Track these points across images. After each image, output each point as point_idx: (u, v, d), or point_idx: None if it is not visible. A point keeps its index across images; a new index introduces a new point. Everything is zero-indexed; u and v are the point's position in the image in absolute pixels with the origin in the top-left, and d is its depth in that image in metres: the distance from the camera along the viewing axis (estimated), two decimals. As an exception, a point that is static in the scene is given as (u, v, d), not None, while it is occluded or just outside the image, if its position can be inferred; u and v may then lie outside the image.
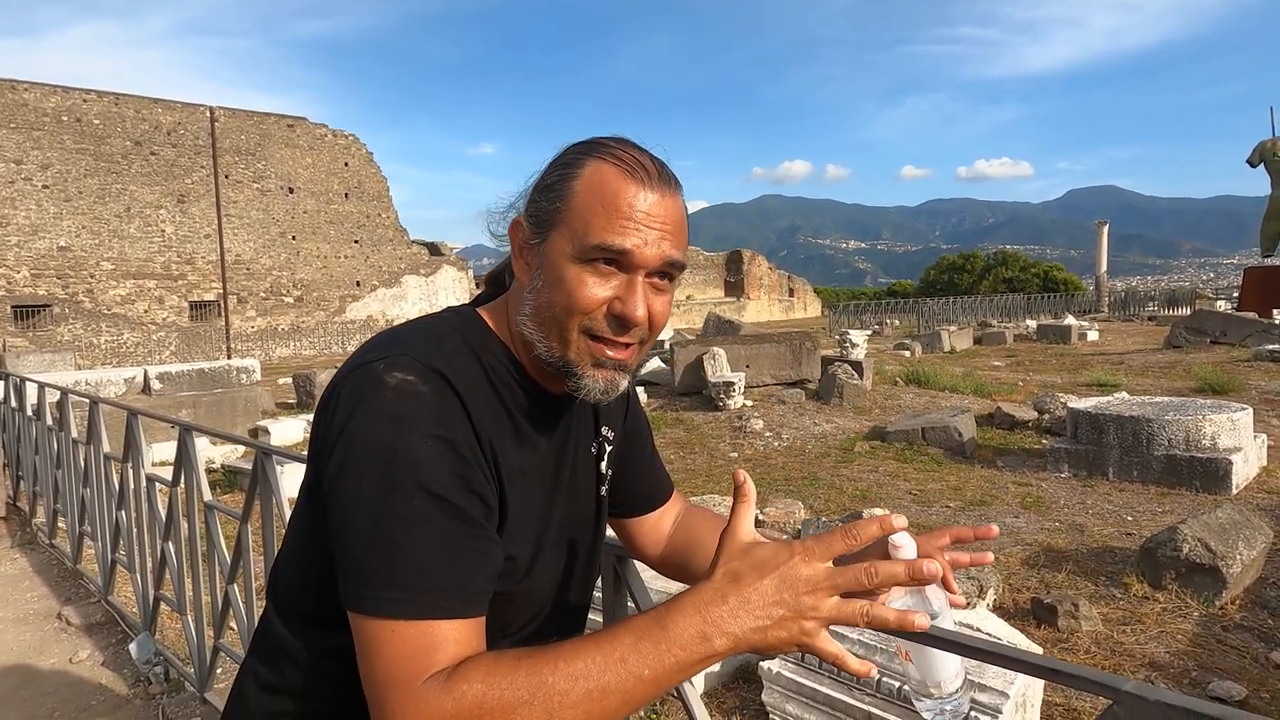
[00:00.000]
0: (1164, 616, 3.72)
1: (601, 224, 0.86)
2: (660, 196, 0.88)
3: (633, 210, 0.86)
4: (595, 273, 0.87)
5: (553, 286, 0.88)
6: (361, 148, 30.57)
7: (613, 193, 0.86)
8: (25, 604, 4.24)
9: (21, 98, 22.83)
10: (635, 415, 1.18)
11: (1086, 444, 6.43)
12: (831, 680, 2.79)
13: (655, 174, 0.89)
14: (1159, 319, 24.37)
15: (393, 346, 0.86)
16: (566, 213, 0.88)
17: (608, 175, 0.87)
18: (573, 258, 0.87)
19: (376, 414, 0.80)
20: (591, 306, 0.87)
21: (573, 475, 1.01)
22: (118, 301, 24.76)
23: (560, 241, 0.88)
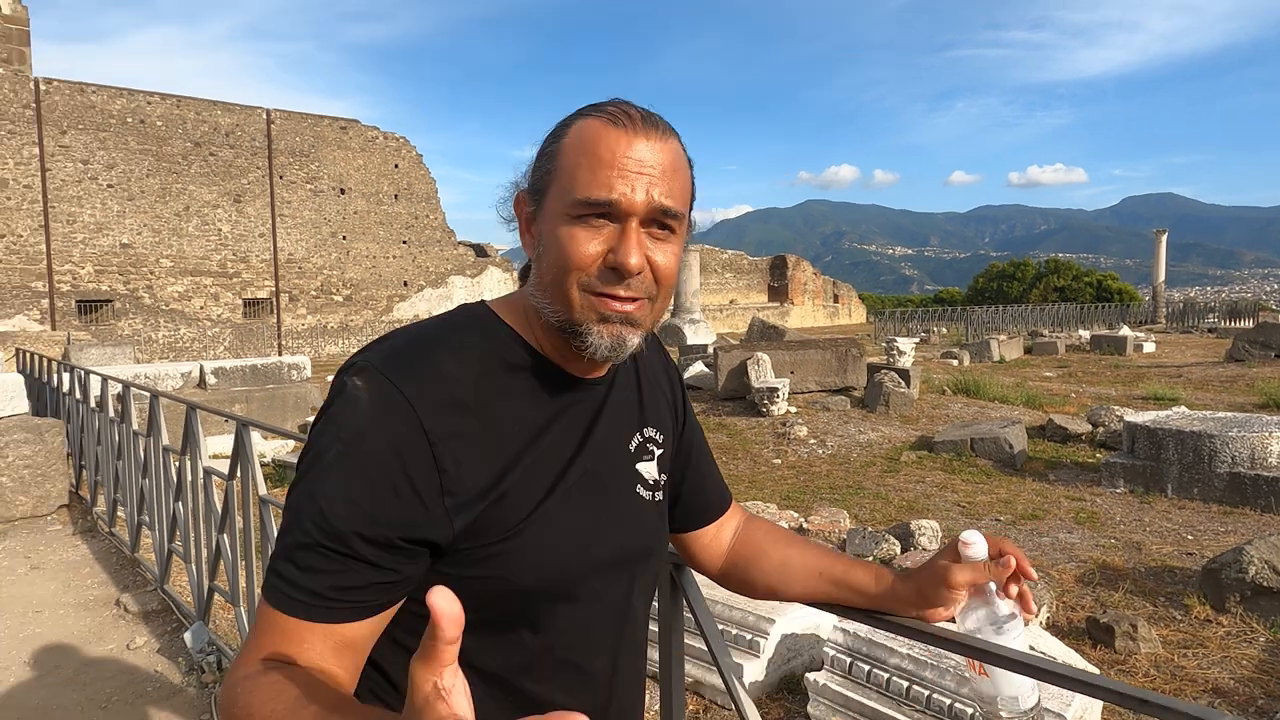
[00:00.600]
0: (1228, 641, 3.59)
1: (586, 177, 0.84)
2: (647, 141, 0.85)
3: (614, 158, 0.84)
4: (586, 227, 0.85)
5: (549, 249, 0.87)
6: (412, 150, 31.04)
7: (593, 143, 0.85)
8: (86, 590, 4.38)
9: (90, 100, 23.65)
10: (691, 425, 1.15)
11: (1144, 459, 6.24)
12: (879, 694, 2.74)
13: (640, 120, 0.86)
14: (1219, 331, 23.59)
15: (370, 352, 0.89)
16: (556, 174, 0.87)
17: (590, 128, 0.86)
18: (563, 216, 0.85)
19: (321, 414, 0.86)
20: (586, 262, 0.85)
21: (597, 464, 0.95)
22: (175, 298, 25.50)
23: (552, 204, 0.87)
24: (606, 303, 0.86)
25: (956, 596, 0.98)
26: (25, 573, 4.63)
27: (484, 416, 0.87)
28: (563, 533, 0.90)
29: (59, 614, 4.04)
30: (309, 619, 0.81)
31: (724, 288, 40.28)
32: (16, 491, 5.51)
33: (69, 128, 23.25)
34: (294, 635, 0.81)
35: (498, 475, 0.86)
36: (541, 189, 0.89)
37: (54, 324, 22.38)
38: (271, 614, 0.82)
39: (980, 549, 0.96)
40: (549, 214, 0.88)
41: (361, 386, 0.84)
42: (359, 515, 0.80)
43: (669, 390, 1.11)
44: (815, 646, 3.26)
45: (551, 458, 0.90)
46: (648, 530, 1.02)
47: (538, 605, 0.89)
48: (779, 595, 1.14)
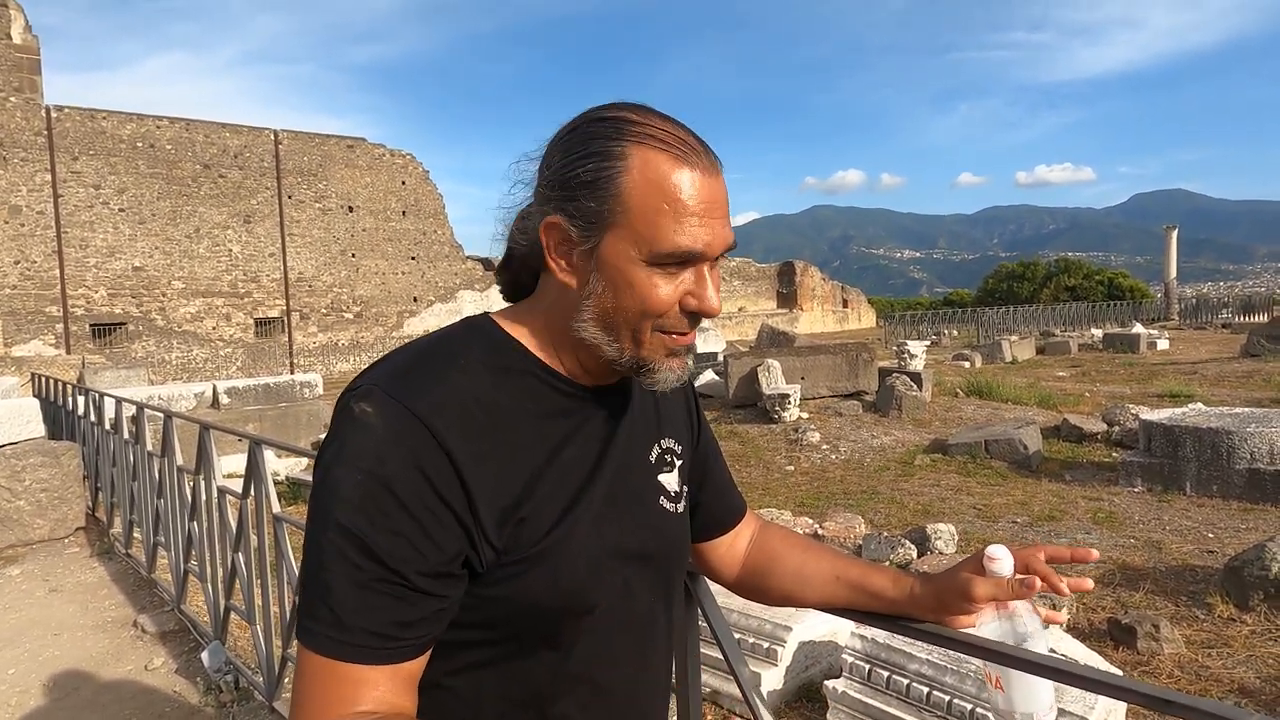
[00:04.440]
0: (1252, 639, 3.54)
1: (671, 226, 0.81)
2: (714, 179, 0.84)
3: (697, 205, 0.82)
4: (666, 274, 0.83)
5: (619, 291, 0.84)
6: (418, 166, 31.23)
7: (673, 188, 0.81)
8: (103, 611, 4.40)
9: (100, 126, 23.92)
10: (706, 436, 1.13)
11: (1161, 457, 6.18)
12: (899, 700, 2.71)
13: (702, 152, 0.84)
14: (1234, 326, 23.40)
15: (372, 373, 0.85)
16: (624, 214, 0.82)
17: (662, 167, 0.81)
18: (640, 262, 0.82)
19: (332, 445, 0.82)
20: (666, 308, 0.84)
21: (620, 475, 0.94)
22: (188, 319, 25.69)
23: (620, 244, 0.83)
24: (677, 340, 0.87)
25: (976, 609, 0.96)
26: (44, 595, 4.65)
27: (499, 431, 0.84)
28: (586, 549, 0.88)
29: (77, 636, 4.05)
30: (375, 663, 0.77)
31: (732, 295, 40.26)
32: (34, 515, 5.55)
33: (80, 154, 23.52)
34: (362, 683, 0.77)
35: (520, 492, 0.84)
36: (600, 224, 0.83)
37: (69, 348, 22.58)
38: (329, 665, 0.77)
39: (1006, 565, 0.94)
40: (614, 253, 0.83)
41: (371, 411, 0.80)
42: (404, 546, 0.78)
43: (685, 400, 1.10)
44: (833, 653, 3.23)
45: (572, 472, 0.89)
46: (672, 543, 1.00)
47: (561, 622, 0.88)
48: (795, 601, 1.13)
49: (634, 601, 0.94)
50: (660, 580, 0.99)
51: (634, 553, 0.94)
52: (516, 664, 0.88)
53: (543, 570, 0.84)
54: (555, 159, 0.86)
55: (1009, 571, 0.94)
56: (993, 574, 0.95)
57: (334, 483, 0.79)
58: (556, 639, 0.88)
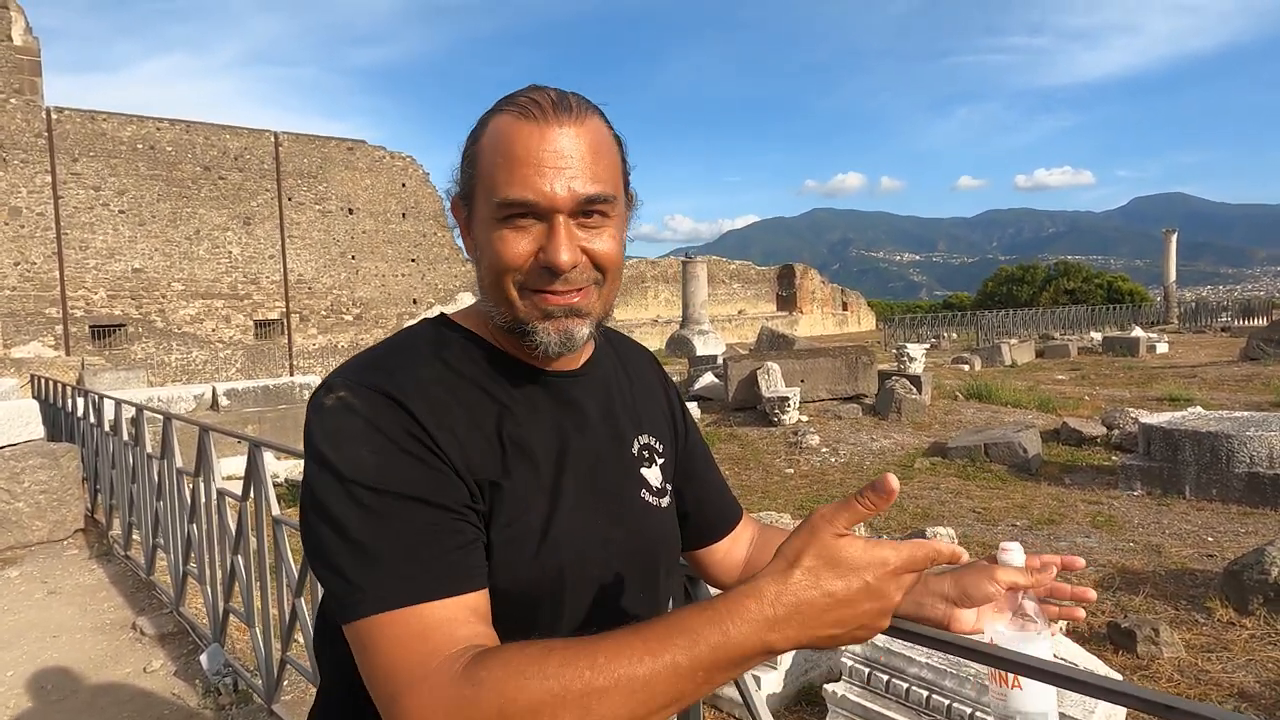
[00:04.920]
0: (1252, 643, 3.54)
1: (505, 178, 0.83)
2: (560, 129, 0.83)
3: (529, 154, 0.82)
4: (513, 228, 0.84)
5: (484, 253, 0.87)
6: (418, 168, 31.26)
7: (507, 141, 0.83)
8: (102, 614, 4.39)
9: (100, 128, 23.94)
10: (694, 440, 1.13)
11: (1160, 461, 6.18)
12: (899, 704, 2.71)
13: (550, 107, 0.84)
14: (1233, 330, 23.42)
15: (337, 373, 0.87)
16: (478, 177, 0.86)
17: (503, 126, 0.84)
18: (490, 220, 0.85)
19: (318, 438, 0.81)
20: (518, 262, 0.84)
21: (594, 464, 0.94)
22: (187, 321, 25.69)
23: (480, 208, 0.87)
24: (547, 299, 0.85)
25: (998, 594, 0.96)
26: (42, 598, 4.65)
27: (464, 405, 0.86)
28: (567, 535, 0.87)
29: (76, 638, 4.05)
30: (453, 592, 0.74)
31: (732, 298, 40.28)
32: (33, 517, 5.54)
33: (80, 155, 23.52)
34: (449, 620, 0.72)
35: (492, 461, 0.84)
36: (469, 193, 0.89)
37: (68, 349, 22.57)
38: (407, 615, 0.72)
39: (1019, 556, 0.96)
40: (479, 218, 0.87)
41: (344, 395, 0.82)
42: (433, 484, 0.78)
43: (665, 401, 1.10)
44: (833, 657, 3.23)
45: (540, 452, 0.89)
46: (656, 536, 1.00)
47: (543, 607, 0.87)
48: None
49: (618, 593, 0.93)
50: (647, 575, 0.98)
51: (615, 543, 0.93)
52: None
53: (519, 552, 0.84)
54: None
55: (1022, 562, 0.95)
56: (1007, 564, 0.96)
57: (342, 460, 0.79)
58: (532, 625, 0.86)
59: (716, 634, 0.64)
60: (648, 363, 1.12)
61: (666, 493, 1.02)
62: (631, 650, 0.64)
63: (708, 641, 0.64)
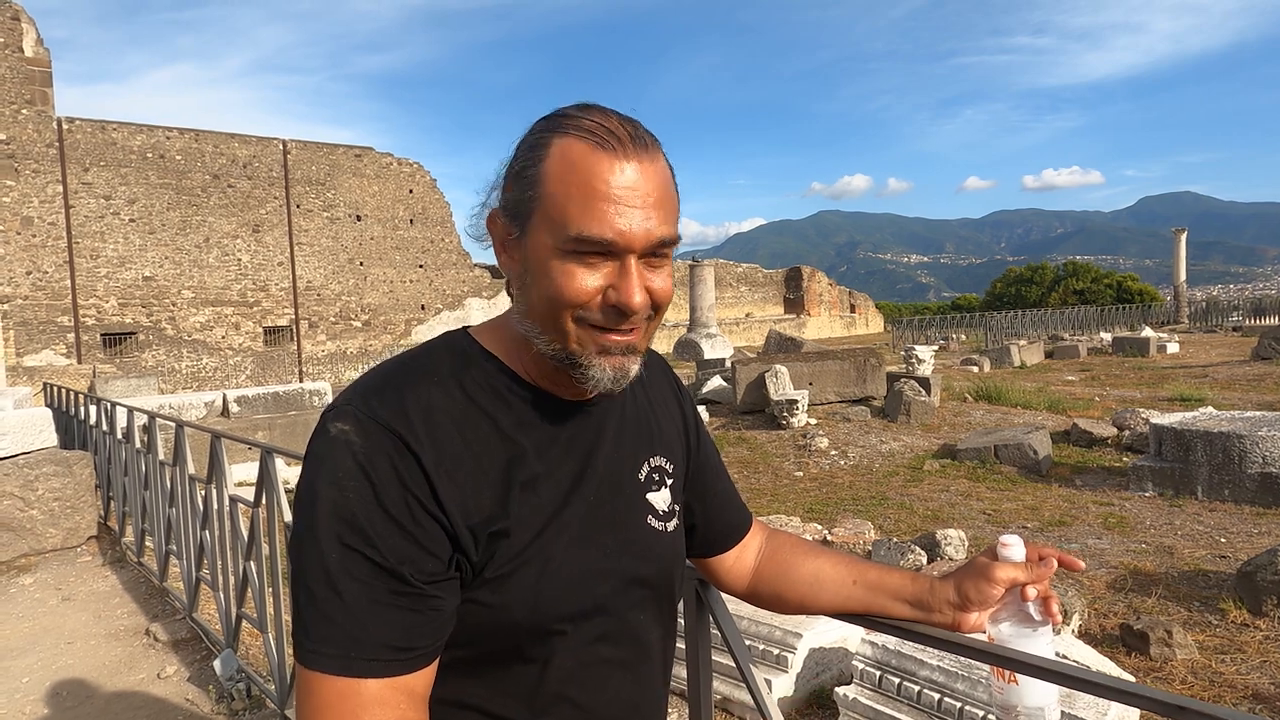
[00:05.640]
0: (1266, 645, 3.52)
1: (579, 212, 0.79)
2: (639, 165, 0.80)
3: (609, 190, 0.79)
4: (582, 264, 0.81)
5: (540, 280, 0.83)
6: (426, 175, 31.38)
7: (584, 173, 0.79)
8: (116, 620, 4.42)
9: (110, 137, 24.13)
10: (705, 449, 1.12)
11: (1172, 461, 6.15)
12: (910, 707, 2.70)
13: (628, 140, 0.81)
14: (1244, 329, 23.26)
15: (348, 394, 0.85)
16: (541, 201, 0.81)
17: (576, 153, 0.80)
18: (556, 250, 0.81)
19: (311, 468, 0.81)
20: (583, 299, 0.81)
21: (603, 493, 0.92)
22: (197, 328, 25.84)
23: (539, 233, 0.82)
24: (608, 336, 0.83)
25: (997, 593, 0.96)
26: (57, 604, 4.68)
27: (474, 446, 0.84)
28: (566, 567, 0.86)
29: (90, 644, 4.07)
30: (393, 675, 0.76)
31: (739, 301, 40.25)
32: (47, 524, 5.58)
33: (91, 165, 23.71)
34: (381, 701, 0.76)
35: (493, 507, 0.83)
36: (524, 214, 0.83)
37: (80, 358, 22.73)
38: (346, 686, 0.75)
39: (1019, 551, 0.96)
40: (537, 244, 0.83)
41: (348, 429, 0.80)
42: (404, 555, 0.78)
43: (679, 415, 1.09)
44: (844, 660, 3.23)
45: (550, 487, 0.87)
46: (661, 562, 0.98)
47: (538, 641, 0.86)
48: (812, 608, 1.12)
49: (620, 621, 0.93)
50: (651, 600, 0.97)
51: (618, 572, 0.92)
52: (495, 684, 0.87)
53: (522, 584, 0.84)
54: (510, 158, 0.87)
55: (1022, 557, 0.95)
56: (1006, 559, 0.96)
57: (323, 502, 0.79)
58: (533, 657, 0.87)
59: None
60: (663, 373, 1.10)
61: (674, 514, 1.01)
62: None
63: None
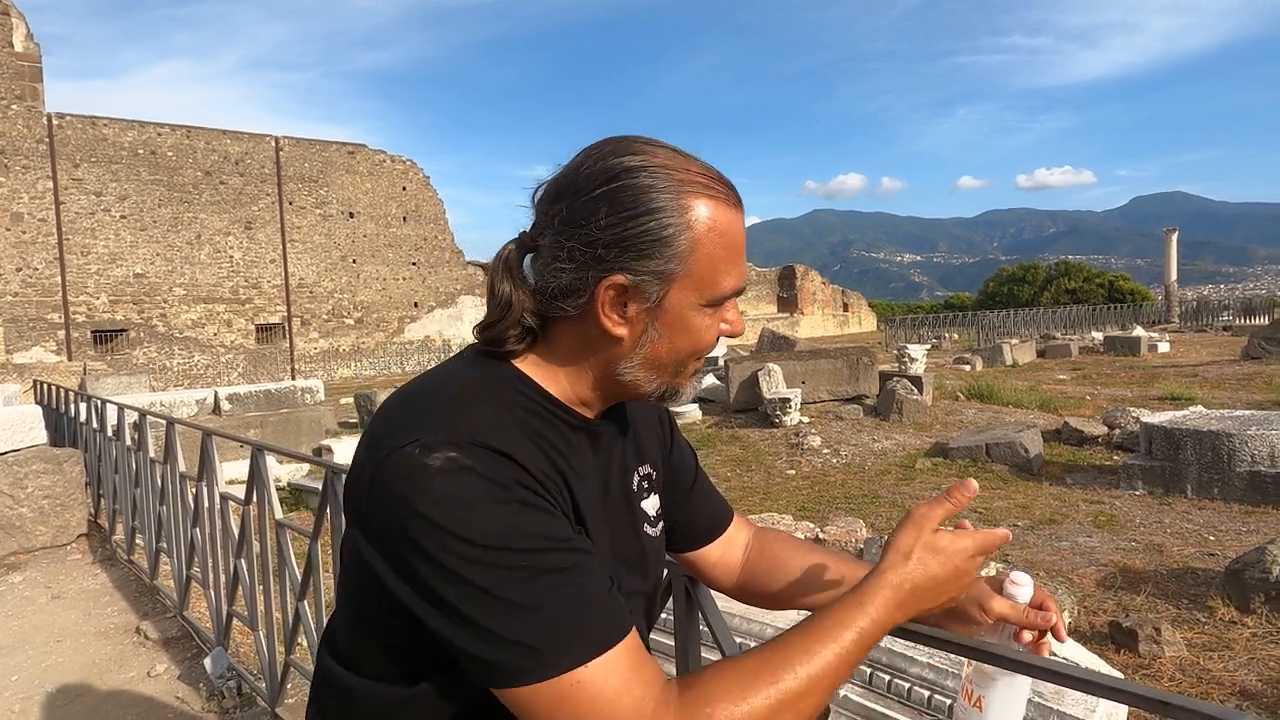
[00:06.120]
0: (1254, 642, 3.54)
1: (726, 270, 0.87)
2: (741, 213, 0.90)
3: (742, 244, 0.88)
4: (714, 314, 0.89)
5: (676, 335, 0.88)
6: (419, 172, 31.31)
7: (728, 235, 0.86)
8: (106, 618, 4.40)
9: (101, 133, 24.00)
10: (680, 449, 1.14)
11: (1162, 460, 6.18)
12: (901, 704, 2.71)
13: (736, 193, 0.89)
14: (1234, 329, 23.41)
15: (418, 426, 0.81)
16: (690, 265, 0.84)
17: (722, 217, 0.86)
18: (699, 306, 0.87)
19: (429, 502, 0.75)
20: (713, 344, 0.91)
21: (615, 508, 0.96)
22: (189, 325, 25.73)
23: (684, 293, 0.86)
24: (701, 365, 0.94)
25: (984, 621, 0.96)
26: (46, 602, 4.66)
27: (547, 463, 0.85)
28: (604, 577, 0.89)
29: (80, 643, 4.06)
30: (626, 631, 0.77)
31: (733, 300, 40.30)
32: (36, 522, 5.56)
33: (82, 161, 23.58)
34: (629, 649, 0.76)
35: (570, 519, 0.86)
36: (667, 278, 0.84)
37: (70, 355, 22.61)
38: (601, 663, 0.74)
39: (1026, 593, 0.94)
40: (680, 303, 0.86)
41: (456, 457, 0.77)
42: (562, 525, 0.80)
43: (656, 422, 1.12)
44: (835, 658, 3.24)
45: (588, 508, 0.90)
46: (655, 567, 1.03)
47: None
48: (801, 603, 1.12)
49: None
50: (645, 603, 1.00)
51: (628, 582, 0.95)
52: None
53: None
54: (599, 215, 0.83)
55: (1027, 600, 0.94)
56: (1010, 596, 0.94)
57: (473, 527, 0.75)
58: None
59: (852, 631, 0.78)
60: None
61: (660, 519, 1.05)
62: (811, 652, 0.76)
63: (859, 628, 0.78)
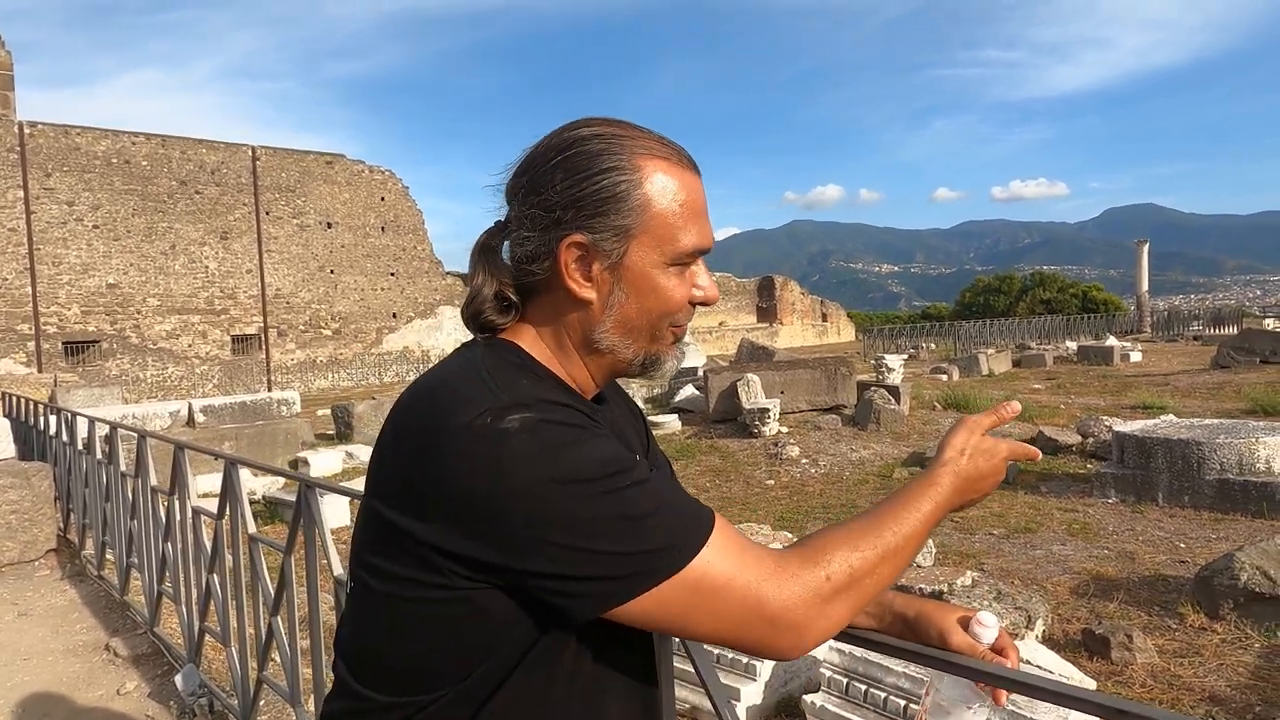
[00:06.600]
0: (1223, 648, 3.59)
1: (690, 228, 0.89)
2: (700, 179, 0.93)
3: (701, 204, 0.92)
4: (679, 274, 0.91)
5: (644, 296, 0.90)
6: (398, 182, 31.20)
7: (688, 195, 0.90)
8: (74, 635, 4.32)
9: (74, 142, 23.71)
10: (654, 449, 1.16)
11: (1134, 468, 6.27)
12: (876, 714, 2.73)
13: (689, 156, 0.93)
14: (1204, 339, 23.80)
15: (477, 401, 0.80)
16: (646, 222, 0.88)
17: (675, 175, 0.90)
18: (662, 265, 0.89)
19: (522, 460, 0.76)
20: (683, 303, 0.92)
21: None
22: (163, 336, 25.41)
23: (644, 251, 0.88)
24: (680, 330, 0.95)
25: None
26: (13, 620, 4.57)
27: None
28: None
29: (47, 661, 3.98)
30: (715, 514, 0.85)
31: (712, 310, 40.43)
32: (3, 537, 5.45)
33: (54, 170, 23.28)
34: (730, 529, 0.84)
35: None
36: (625, 235, 0.87)
37: (40, 366, 22.24)
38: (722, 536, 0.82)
39: (990, 635, 0.95)
40: (639, 261, 0.88)
41: (528, 416, 0.79)
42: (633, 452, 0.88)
43: (635, 421, 1.14)
44: (812, 668, 3.25)
45: None
46: None
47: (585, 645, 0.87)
48: None
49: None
50: None
51: None
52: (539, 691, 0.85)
53: None
54: (555, 180, 0.87)
55: (989, 642, 0.95)
56: (974, 635, 0.96)
57: (577, 467, 0.77)
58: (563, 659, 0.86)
59: (929, 502, 0.89)
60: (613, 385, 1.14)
61: None
62: (900, 518, 0.87)
63: (926, 509, 0.89)
